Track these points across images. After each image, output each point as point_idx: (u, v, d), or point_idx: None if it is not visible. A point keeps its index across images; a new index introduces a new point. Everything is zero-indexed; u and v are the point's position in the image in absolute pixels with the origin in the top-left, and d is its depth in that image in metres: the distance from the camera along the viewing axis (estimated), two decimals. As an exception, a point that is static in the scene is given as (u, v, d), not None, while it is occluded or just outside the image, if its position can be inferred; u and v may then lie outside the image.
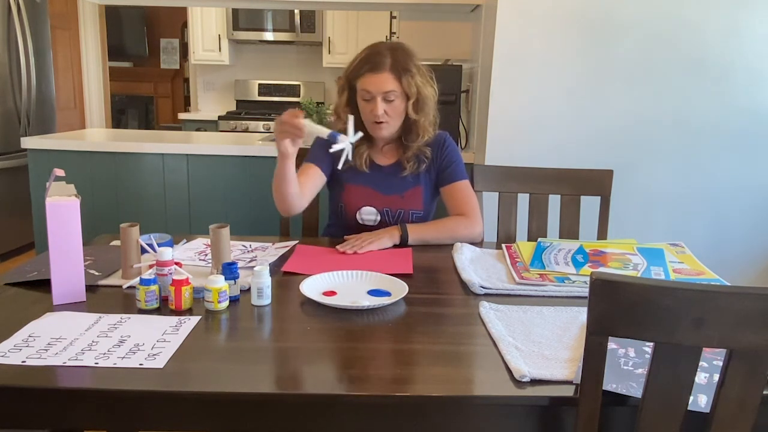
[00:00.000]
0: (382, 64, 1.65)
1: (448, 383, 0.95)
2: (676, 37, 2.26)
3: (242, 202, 2.77)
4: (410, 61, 1.69)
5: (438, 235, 1.69)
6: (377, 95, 1.65)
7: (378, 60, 1.65)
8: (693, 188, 2.37)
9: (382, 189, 1.77)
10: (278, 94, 5.68)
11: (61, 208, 1.16)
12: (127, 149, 2.75)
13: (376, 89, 1.65)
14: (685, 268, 1.42)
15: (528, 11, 2.26)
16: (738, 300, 0.78)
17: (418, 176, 1.78)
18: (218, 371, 0.97)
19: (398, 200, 1.77)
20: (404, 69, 1.66)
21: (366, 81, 1.66)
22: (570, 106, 2.32)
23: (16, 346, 1.00)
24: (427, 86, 1.71)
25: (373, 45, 1.73)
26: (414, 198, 1.78)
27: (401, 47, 1.72)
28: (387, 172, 1.79)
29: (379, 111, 1.66)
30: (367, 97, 1.67)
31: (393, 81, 1.65)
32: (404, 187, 1.78)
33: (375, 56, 1.66)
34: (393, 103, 1.67)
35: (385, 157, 1.81)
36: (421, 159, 1.77)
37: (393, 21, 4.12)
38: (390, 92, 1.66)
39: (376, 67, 1.65)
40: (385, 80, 1.65)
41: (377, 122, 1.69)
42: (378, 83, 1.65)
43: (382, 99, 1.66)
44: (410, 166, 1.76)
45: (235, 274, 1.22)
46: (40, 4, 4.11)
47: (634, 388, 0.90)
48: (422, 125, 1.73)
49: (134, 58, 6.93)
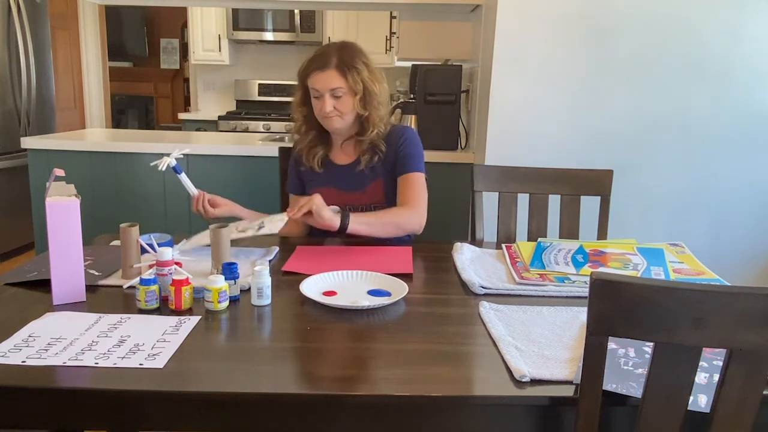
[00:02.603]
0: (328, 63, 1.71)
1: (448, 383, 0.95)
2: (676, 37, 2.26)
3: (242, 202, 2.76)
4: (357, 58, 1.74)
5: (378, 220, 1.67)
6: (324, 92, 1.71)
7: (324, 59, 1.72)
8: (693, 188, 2.37)
9: (343, 187, 1.80)
10: (278, 94, 5.68)
11: (61, 208, 1.16)
12: (127, 149, 2.75)
13: (322, 86, 1.70)
14: (685, 268, 1.42)
15: (528, 11, 2.26)
16: (738, 300, 0.78)
17: (375, 169, 1.80)
18: (218, 371, 0.97)
19: (360, 196, 1.80)
20: (349, 66, 1.71)
21: (314, 79, 1.72)
22: (570, 106, 2.32)
23: (16, 346, 1.00)
24: (375, 82, 1.75)
25: (323, 46, 1.80)
26: (375, 192, 1.80)
27: (349, 45, 1.77)
28: (346, 170, 1.82)
29: (327, 108, 1.71)
30: (316, 94, 1.73)
31: (339, 78, 1.70)
32: (364, 182, 1.80)
33: (321, 56, 1.73)
34: (341, 99, 1.72)
35: (344, 155, 1.83)
36: (375, 152, 1.79)
37: (393, 21, 4.12)
38: (337, 89, 1.71)
39: (322, 66, 1.71)
40: (330, 77, 1.70)
41: (326, 117, 1.74)
42: (324, 81, 1.70)
43: (330, 95, 1.71)
44: (365, 159, 1.79)
45: (235, 274, 1.22)
46: (40, 4, 4.11)
47: (634, 388, 0.90)
48: (372, 120, 1.76)
49: (134, 58, 6.93)
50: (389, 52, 4.58)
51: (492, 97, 2.32)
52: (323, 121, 1.76)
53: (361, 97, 1.73)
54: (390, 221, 1.69)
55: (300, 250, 1.59)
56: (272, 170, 1.67)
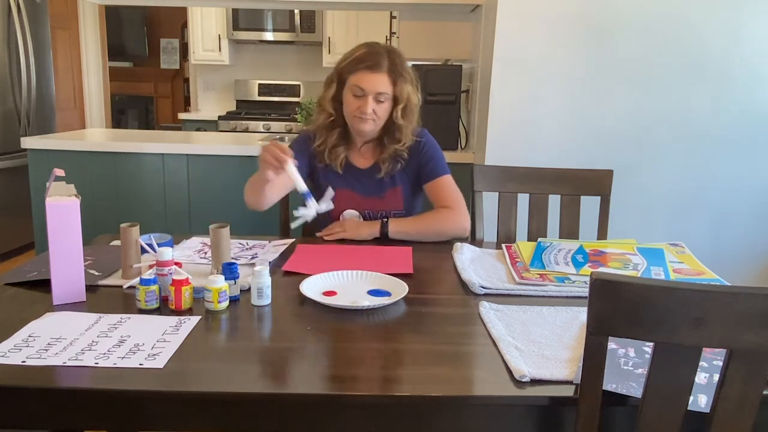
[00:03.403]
0: (380, 65, 1.67)
1: (448, 383, 0.95)
2: (676, 37, 2.26)
3: (242, 202, 2.76)
4: (405, 67, 1.72)
5: (419, 228, 1.70)
6: (370, 94, 1.67)
7: (377, 60, 1.67)
8: (693, 188, 2.37)
9: (361, 191, 1.79)
10: (278, 94, 5.68)
11: (61, 208, 1.16)
12: (127, 149, 2.75)
13: (370, 87, 1.67)
14: (685, 268, 1.42)
15: (528, 11, 2.26)
16: (738, 300, 0.78)
17: (393, 176, 1.79)
18: (218, 371, 0.97)
19: (378, 202, 1.78)
20: (399, 74, 1.69)
21: (361, 78, 1.67)
22: (570, 106, 2.32)
23: (16, 346, 1.00)
24: (414, 94, 1.74)
25: (370, 44, 1.74)
26: (394, 198, 1.79)
27: (397, 52, 1.74)
28: (365, 174, 1.80)
29: (369, 109, 1.68)
30: (358, 93, 1.68)
31: (387, 83, 1.68)
32: (383, 188, 1.79)
33: (374, 56, 1.68)
34: (382, 104, 1.70)
35: (363, 159, 1.81)
36: (397, 161, 1.78)
37: (393, 21, 4.12)
38: (383, 93, 1.68)
39: (374, 67, 1.67)
40: (380, 80, 1.67)
41: (361, 117, 1.70)
42: (373, 82, 1.67)
43: (374, 98, 1.68)
44: (386, 167, 1.77)
45: (235, 274, 1.22)
46: (40, 4, 4.11)
47: (634, 388, 0.90)
48: (405, 131, 1.75)
49: (134, 58, 6.93)
50: (389, 52, 4.58)
51: (492, 97, 2.32)
52: (354, 120, 1.72)
53: (404, 107, 1.71)
54: (431, 229, 1.69)
55: (300, 250, 1.59)
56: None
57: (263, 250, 1.55)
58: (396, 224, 1.69)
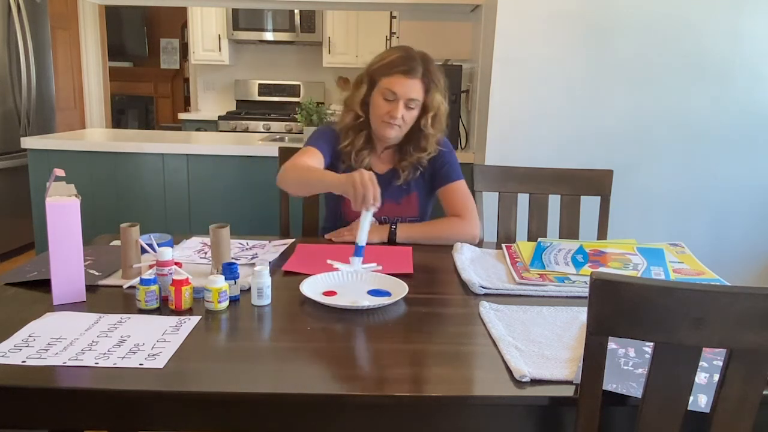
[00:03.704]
0: (415, 71, 1.64)
1: (448, 383, 0.95)
2: (676, 37, 2.26)
3: (242, 202, 2.77)
4: (438, 75, 1.69)
5: (428, 236, 1.68)
6: (401, 99, 1.65)
7: (412, 65, 1.64)
8: (693, 188, 2.37)
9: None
10: (278, 94, 5.68)
11: (61, 208, 1.16)
12: (127, 149, 2.76)
13: (402, 92, 1.64)
14: (685, 268, 1.42)
15: (528, 11, 2.26)
16: (738, 300, 0.78)
17: (410, 183, 1.78)
18: (218, 371, 0.97)
19: (394, 207, 1.77)
20: (432, 81, 1.66)
21: (395, 82, 1.64)
22: (570, 106, 2.32)
23: (16, 346, 1.00)
24: (443, 103, 1.71)
25: (404, 48, 1.71)
26: (409, 204, 1.79)
27: (431, 59, 1.70)
28: (383, 179, 1.78)
29: (398, 114, 1.65)
30: (390, 97, 1.66)
31: (420, 90, 1.66)
32: (399, 194, 1.78)
33: (409, 60, 1.65)
34: (411, 111, 1.67)
35: (381, 163, 1.80)
36: (417, 168, 1.77)
37: (393, 21, 4.12)
38: (413, 100, 1.66)
39: (408, 72, 1.64)
40: (414, 87, 1.64)
41: (390, 123, 1.68)
42: (407, 88, 1.64)
43: (404, 104, 1.65)
44: (405, 175, 1.76)
45: (235, 274, 1.22)
46: (40, 4, 4.11)
47: (634, 388, 0.90)
48: (431, 140, 1.73)
49: (134, 58, 6.93)
50: (389, 52, 4.57)
51: (492, 97, 2.32)
52: (381, 125, 1.69)
53: (434, 115, 1.69)
54: (439, 237, 1.68)
55: (300, 250, 1.59)
56: (272, 170, 1.66)
57: (263, 250, 1.55)
58: (404, 230, 1.68)
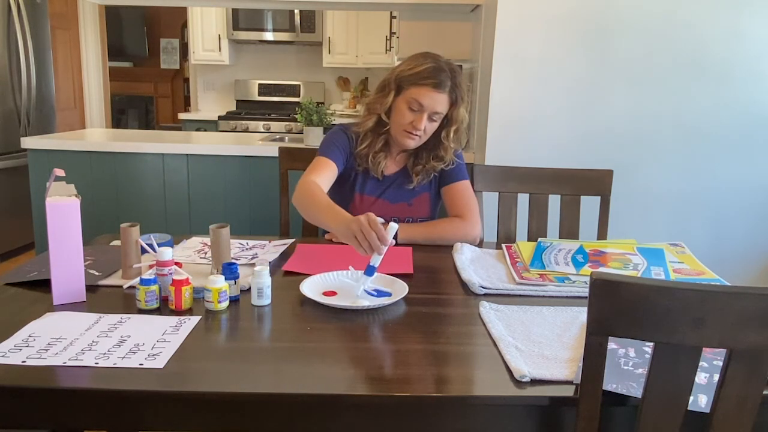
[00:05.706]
0: (444, 84, 1.62)
1: (448, 383, 0.95)
2: (676, 37, 2.26)
3: (242, 202, 2.77)
4: (464, 88, 1.68)
5: (429, 236, 1.67)
6: (427, 111, 1.63)
7: (441, 78, 1.62)
8: (693, 188, 2.37)
9: (390, 198, 1.78)
10: (278, 94, 5.68)
11: (61, 208, 1.16)
12: (127, 149, 2.76)
13: (429, 105, 1.63)
14: (685, 268, 1.42)
15: (528, 11, 2.26)
16: (738, 300, 0.78)
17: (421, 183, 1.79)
18: (218, 371, 0.97)
19: (406, 208, 1.77)
20: (459, 95, 1.66)
21: (423, 94, 1.62)
22: (570, 106, 2.32)
23: (16, 346, 1.00)
24: (467, 118, 1.71)
25: (435, 58, 1.67)
26: (421, 205, 1.79)
27: (459, 71, 1.68)
28: (394, 180, 1.79)
29: (421, 127, 1.64)
30: (415, 107, 1.64)
31: (446, 104, 1.65)
32: (411, 195, 1.78)
33: (439, 73, 1.62)
34: (433, 122, 1.67)
35: (394, 165, 1.80)
36: (429, 173, 1.77)
37: (393, 21, 4.12)
38: (438, 113, 1.65)
39: (438, 86, 1.61)
40: (441, 101, 1.63)
41: (411, 133, 1.66)
42: (435, 101, 1.62)
43: (428, 116, 1.65)
44: (418, 179, 1.75)
45: (235, 274, 1.22)
46: (40, 4, 4.11)
47: (634, 388, 0.90)
48: (450, 152, 1.73)
49: (134, 58, 6.94)
50: (389, 52, 4.58)
51: (492, 97, 2.32)
52: (402, 134, 1.68)
53: (456, 128, 1.69)
54: (440, 238, 1.67)
55: (300, 250, 1.59)
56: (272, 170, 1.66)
57: (263, 250, 1.55)
58: (405, 231, 1.66)
